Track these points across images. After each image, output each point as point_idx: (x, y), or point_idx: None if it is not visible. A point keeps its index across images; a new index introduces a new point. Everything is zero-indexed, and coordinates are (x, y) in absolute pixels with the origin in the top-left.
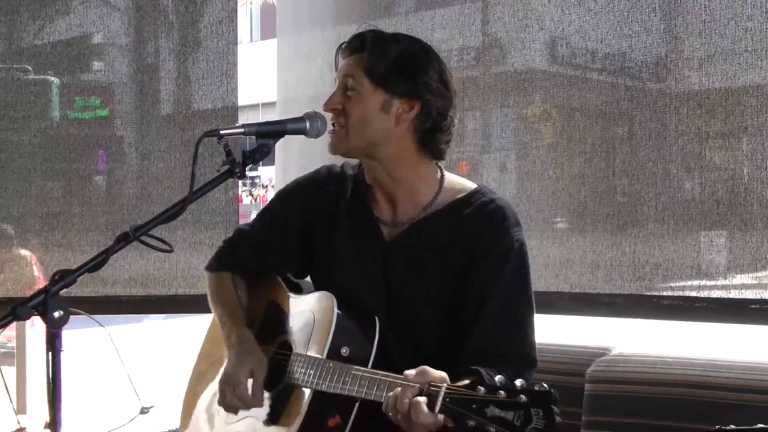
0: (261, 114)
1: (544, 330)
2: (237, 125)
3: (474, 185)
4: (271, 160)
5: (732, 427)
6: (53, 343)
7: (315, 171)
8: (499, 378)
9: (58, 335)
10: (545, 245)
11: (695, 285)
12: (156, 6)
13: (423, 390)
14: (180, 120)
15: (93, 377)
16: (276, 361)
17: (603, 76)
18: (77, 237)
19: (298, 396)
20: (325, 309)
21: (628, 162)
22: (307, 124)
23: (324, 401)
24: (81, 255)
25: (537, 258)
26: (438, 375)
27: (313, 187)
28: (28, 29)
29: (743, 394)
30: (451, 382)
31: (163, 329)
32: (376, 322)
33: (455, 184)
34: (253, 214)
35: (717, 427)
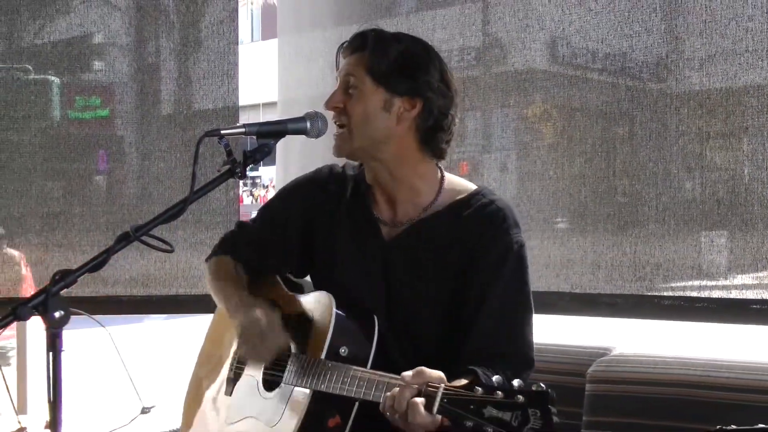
0: (262, 114)
1: (544, 330)
2: (238, 125)
3: (474, 186)
4: (272, 160)
5: (733, 428)
6: (54, 344)
7: (316, 170)
8: (497, 378)
9: (58, 335)
10: (546, 245)
11: (696, 285)
12: (157, 6)
13: (421, 391)
14: (181, 120)
15: (94, 377)
16: (275, 362)
17: (604, 76)
18: (78, 237)
19: (297, 396)
20: (324, 309)
21: (628, 162)
22: (308, 124)
23: (324, 401)
24: (81, 255)
25: (538, 258)
26: (435, 375)
27: (315, 187)
28: (28, 29)
29: (744, 394)
30: (449, 382)
31: (164, 329)
32: (375, 322)
33: (455, 184)
34: (254, 214)
35: (718, 427)
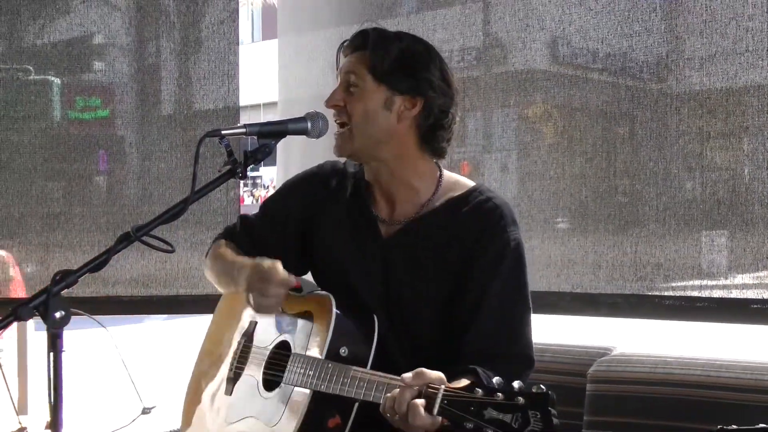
0: (262, 114)
1: (545, 330)
2: (238, 125)
3: (472, 183)
4: (273, 160)
5: (734, 427)
6: (54, 344)
7: (319, 165)
8: (497, 380)
9: (59, 336)
10: (546, 245)
11: (696, 285)
12: (157, 6)
13: (421, 392)
14: (181, 120)
15: (94, 378)
16: (275, 361)
17: (604, 76)
18: (78, 237)
19: (297, 396)
20: (324, 309)
21: (629, 162)
22: (309, 124)
23: (324, 401)
24: (82, 255)
25: (538, 258)
26: (435, 376)
27: (316, 182)
28: (28, 29)
29: (744, 394)
30: (449, 381)
31: (165, 330)
32: (375, 321)
33: (453, 182)
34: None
35: (719, 427)
